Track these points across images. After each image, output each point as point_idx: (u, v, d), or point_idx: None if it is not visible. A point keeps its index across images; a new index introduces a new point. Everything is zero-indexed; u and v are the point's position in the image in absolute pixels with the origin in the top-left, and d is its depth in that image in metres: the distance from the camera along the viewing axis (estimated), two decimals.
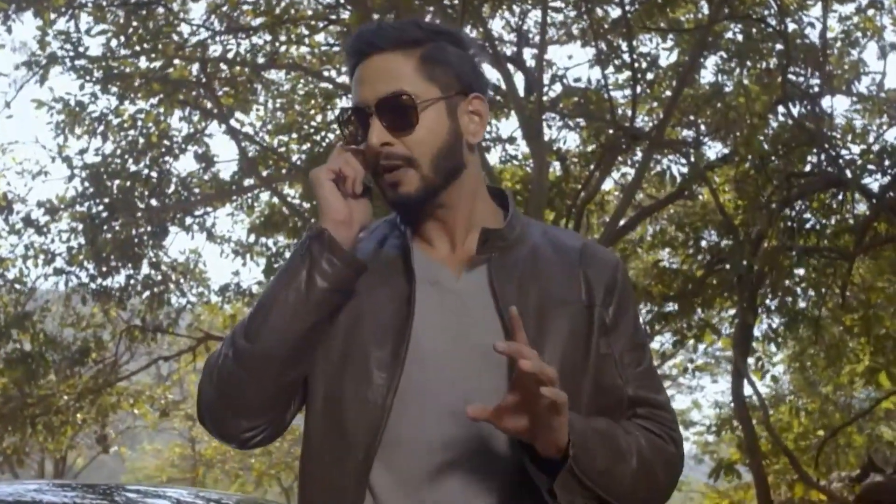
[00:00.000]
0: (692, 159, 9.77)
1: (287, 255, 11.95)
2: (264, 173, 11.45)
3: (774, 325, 8.84)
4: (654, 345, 14.43)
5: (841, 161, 8.43)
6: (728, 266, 8.03)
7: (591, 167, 10.52)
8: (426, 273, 1.80)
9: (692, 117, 10.96)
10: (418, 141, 1.76)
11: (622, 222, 10.50)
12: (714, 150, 11.26)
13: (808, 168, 8.75)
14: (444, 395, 1.72)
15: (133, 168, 11.37)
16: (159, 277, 12.15)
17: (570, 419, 1.62)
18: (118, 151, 11.36)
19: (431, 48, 1.81)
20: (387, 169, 1.77)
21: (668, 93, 10.33)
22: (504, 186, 2.20)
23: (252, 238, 12.53)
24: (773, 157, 8.28)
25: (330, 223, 1.75)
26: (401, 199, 1.78)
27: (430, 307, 1.77)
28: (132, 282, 11.76)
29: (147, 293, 11.91)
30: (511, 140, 11.47)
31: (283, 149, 11.58)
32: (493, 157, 11.63)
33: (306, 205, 11.28)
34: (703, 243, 8.94)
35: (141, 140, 11.31)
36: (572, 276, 1.83)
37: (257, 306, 1.77)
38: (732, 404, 9.54)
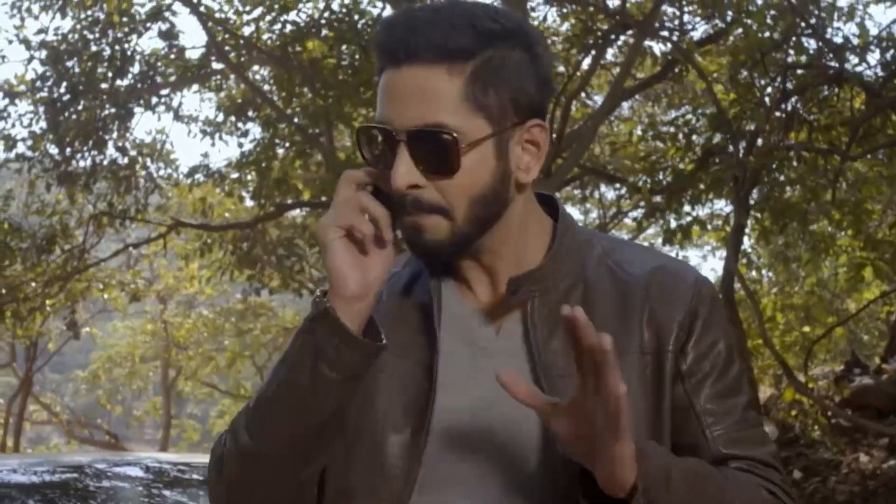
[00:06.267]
0: (676, 40, 9.42)
1: (259, 135, 11.74)
2: (231, 55, 10.92)
3: (762, 220, 8.65)
4: (641, 240, 14.30)
5: (839, 52, 8.09)
6: (723, 166, 7.78)
7: (579, 54, 10.09)
8: (460, 329, 1.46)
9: None
10: (455, 187, 1.38)
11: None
12: (700, 30, 10.93)
13: (805, 58, 8.39)
14: (474, 487, 1.41)
15: (94, 48, 10.84)
16: (125, 160, 11.74)
17: (647, 451, 1.29)
18: (78, 27, 10.81)
19: (485, 62, 1.36)
20: (408, 211, 1.39)
21: None
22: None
23: (221, 117, 12.10)
24: (770, 50, 7.91)
25: (339, 300, 1.37)
26: (425, 248, 1.41)
27: (459, 374, 1.43)
28: (97, 166, 11.38)
29: (113, 177, 11.54)
30: None
31: (251, 28, 11.02)
32: None
33: (276, 97, 10.79)
34: (695, 138, 8.65)
35: (102, 17, 10.75)
36: (633, 317, 1.45)
37: (259, 397, 1.44)
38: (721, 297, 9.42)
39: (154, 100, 11.52)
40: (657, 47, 10.12)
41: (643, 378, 1.43)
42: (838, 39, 8.31)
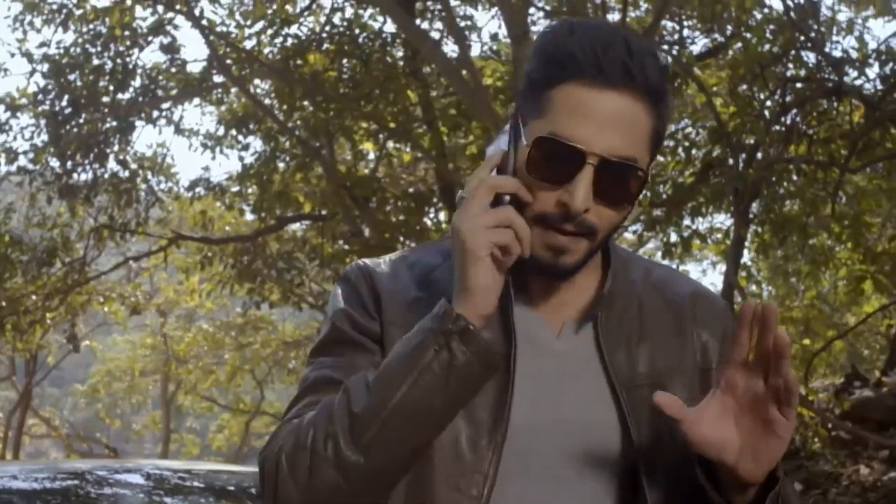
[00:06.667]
0: (675, 54, 9.46)
1: (260, 148, 11.75)
2: (233, 68, 10.95)
3: (762, 234, 8.67)
4: (642, 254, 14.35)
5: (838, 66, 8.12)
6: (723, 178, 7.80)
7: None
8: (523, 328, 1.48)
9: (676, 9, 10.55)
10: (614, 216, 1.42)
11: None
12: (700, 44, 10.97)
13: (804, 72, 8.43)
14: (541, 483, 1.45)
15: (96, 61, 10.89)
16: (126, 174, 11.77)
17: None
18: (80, 41, 10.86)
19: (667, 106, 1.42)
20: (558, 229, 1.40)
21: None
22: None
23: (222, 130, 12.13)
24: (770, 64, 7.94)
25: (480, 318, 1.37)
26: (559, 267, 1.43)
27: (525, 372, 1.46)
28: (98, 179, 11.40)
29: (114, 190, 11.56)
30: (494, 37, 11.03)
31: (253, 42, 11.06)
32: (474, 51, 11.23)
33: (277, 110, 10.81)
34: (695, 151, 8.69)
35: (103, 31, 10.80)
36: (685, 334, 1.54)
37: (372, 407, 1.37)
38: None
39: (155, 113, 11.58)
40: None
41: (698, 393, 1.48)
42: (837, 53, 8.36)
